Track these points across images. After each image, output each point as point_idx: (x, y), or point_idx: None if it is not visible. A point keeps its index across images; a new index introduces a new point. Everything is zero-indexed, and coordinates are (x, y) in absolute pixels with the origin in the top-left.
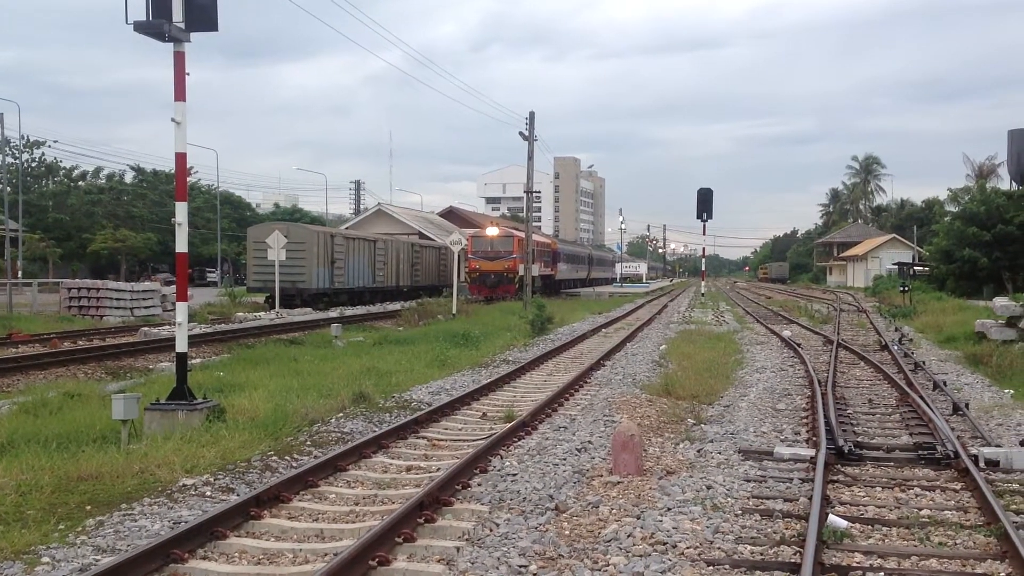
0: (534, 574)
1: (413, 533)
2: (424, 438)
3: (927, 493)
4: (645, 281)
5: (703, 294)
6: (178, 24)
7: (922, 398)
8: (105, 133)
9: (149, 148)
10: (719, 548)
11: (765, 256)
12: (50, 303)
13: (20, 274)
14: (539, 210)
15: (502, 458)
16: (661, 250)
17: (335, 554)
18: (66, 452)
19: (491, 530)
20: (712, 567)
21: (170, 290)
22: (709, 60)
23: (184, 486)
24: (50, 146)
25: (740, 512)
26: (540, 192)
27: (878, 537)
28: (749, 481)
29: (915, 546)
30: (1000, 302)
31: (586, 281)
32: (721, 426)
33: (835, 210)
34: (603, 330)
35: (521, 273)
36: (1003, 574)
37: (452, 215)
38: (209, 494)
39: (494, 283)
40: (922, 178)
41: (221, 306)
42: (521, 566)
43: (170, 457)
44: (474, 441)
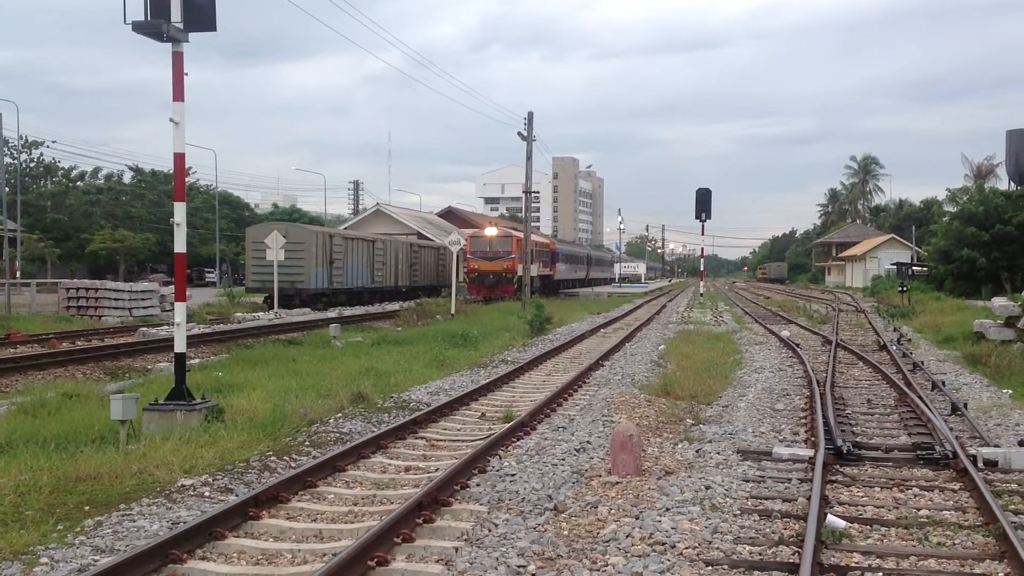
0: (533, 574)
1: (412, 533)
2: (423, 438)
3: (925, 493)
4: (644, 281)
5: (702, 294)
6: (176, 24)
7: (920, 398)
8: (104, 133)
9: (148, 148)
10: (718, 548)
11: (764, 256)
12: (48, 303)
13: (19, 274)
14: (538, 210)
15: (501, 458)
16: (660, 250)
17: (334, 554)
18: (64, 452)
19: (490, 530)
20: (711, 567)
21: (168, 290)
22: (708, 60)
23: (183, 486)
24: (48, 146)
25: (739, 512)
26: (539, 192)
27: (877, 537)
28: (748, 481)
29: (913, 546)
30: (998, 302)
31: (585, 281)
32: (720, 426)
33: (834, 210)
34: (602, 330)
35: (520, 273)
36: (1001, 574)
37: (451, 215)
38: (208, 494)
39: (493, 283)
40: (921, 178)
41: (220, 306)
42: (520, 566)
43: (169, 457)
44: (473, 441)
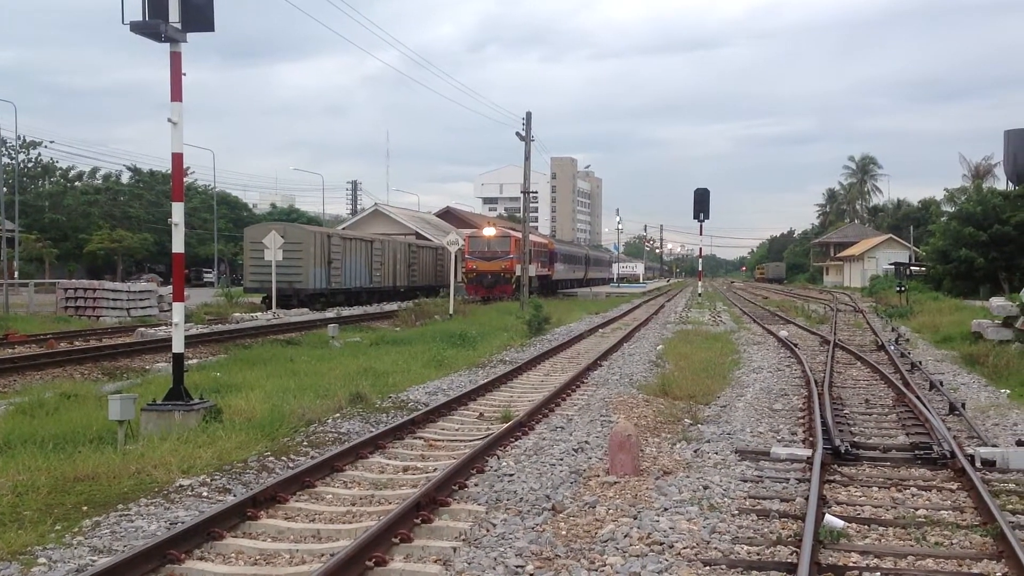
0: (531, 574)
1: (410, 534)
2: (421, 438)
3: (923, 493)
4: (642, 281)
5: (700, 294)
6: (174, 24)
7: (918, 398)
8: (102, 133)
9: (146, 148)
10: (716, 548)
11: (762, 256)
12: (46, 304)
13: (16, 275)
14: (536, 210)
15: (499, 458)
16: (658, 250)
17: (332, 554)
18: (62, 453)
19: (488, 530)
20: (709, 567)
21: (166, 290)
22: (707, 60)
23: (181, 487)
24: (47, 146)
25: (737, 512)
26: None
27: (874, 537)
28: (746, 481)
29: (911, 546)
30: (996, 302)
31: (583, 281)
32: (718, 426)
33: (832, 210)
34: (600, 330)
35: (518, 273)
36: (999, 574)
37: (449, 215)
38: (206, 495)
39: (491, 283)
40: (919, 178)
41: (218, 306)
42: (518, 566)
43: (167, 458)
44: (471, 441)
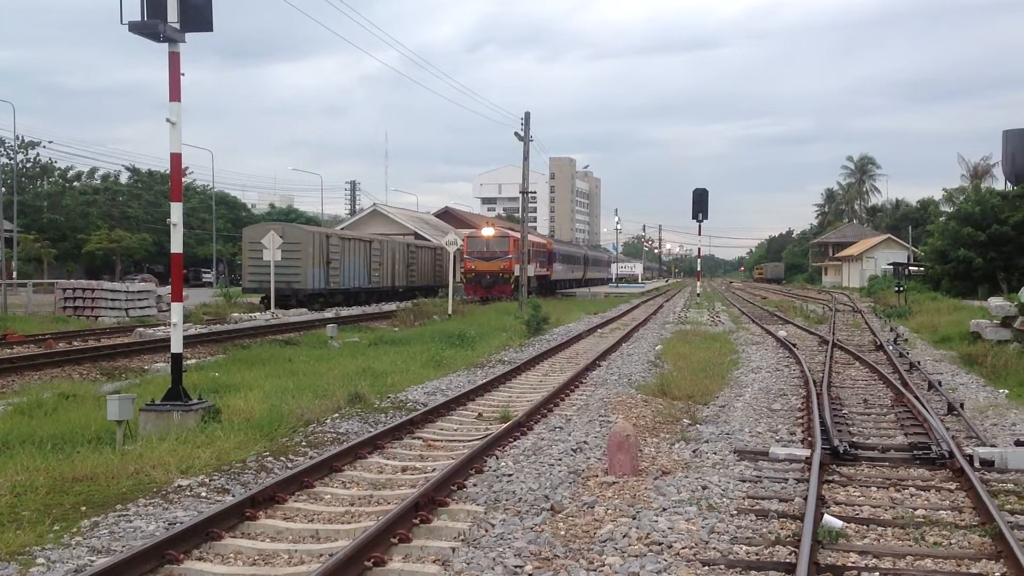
0: (530, 574)
1: (409, 534)
2: (420, 439)
3: (922, 493)
4: (641, 281)
5: (699, 294)
6: (173, 24)
7: (917, 398)
8: (101, 133)
9: (145, 148)
10: (714, 548)
11: (761, 256)
12: (45, 304)
13: (15, 275)
14: (535, 210)
15: (498, 458)
16: (657, 250)
17: (330, 555)
18: (61, 453)
19: (487, 530)
20: (707, 567)
21: (165, 290)
22: (706, 60)
23: (179, 487)
24: (45, 146)
25: (736, 512)
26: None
27: (873, 537)
28: (744, 481)
29: (910, 546)
30: (995, 302)
31: (582, 281)
32: (717, 426)
33: (830, 210)
34: (599, 330)
35: (517, 273)
36: (998, 574)
37: (448, 215)
38: (204, 495)
39: (490, 283)
40: (917, 178)
41: (216, 307)
42: (517, 566)
43: (165, 458)
44: (470, 442)
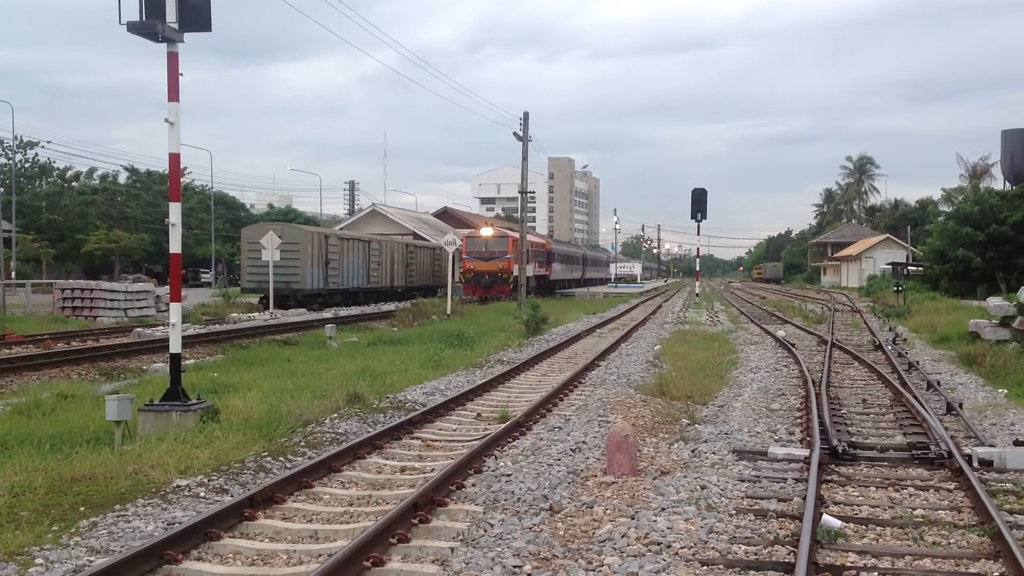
0: (528, 574)
1: (407, 534)
2: (418, 439)
3: (921, 493)
4: (640, 281)
5: (697, 294)
6: (171, 24)
7: (916, 398)
8: (99, 134)
9: (143, 148)
10: (713, 548)
11: (759, 256)
12: (44, 304)
13: (13, 275)
14: (533, 210)
15: (496, 458)
16: (656, 250)
17: (329, 555)
18: (59, 453)
19: (485, 531)
20: (706, 567)
21: (164, 290)
22: (705, 60)
23: (178, 487)
24: (43, 147)
25: (734, 512)
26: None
27: (872, 537)
28: (743, 481)
29: (909, 546)
30: (994, 302)
31: (581, 281)
32: (715, 426)
33: (829, 210)
34: (597, 330)
35: (516, 273)
36: (997, 574)
37: (447, 215)
38: (203, 495)
39: (488, 283)
40: (916, 178)
41: (215, 307)
42: (515, 566)
43: (164, 458)
44: (468, 442)
